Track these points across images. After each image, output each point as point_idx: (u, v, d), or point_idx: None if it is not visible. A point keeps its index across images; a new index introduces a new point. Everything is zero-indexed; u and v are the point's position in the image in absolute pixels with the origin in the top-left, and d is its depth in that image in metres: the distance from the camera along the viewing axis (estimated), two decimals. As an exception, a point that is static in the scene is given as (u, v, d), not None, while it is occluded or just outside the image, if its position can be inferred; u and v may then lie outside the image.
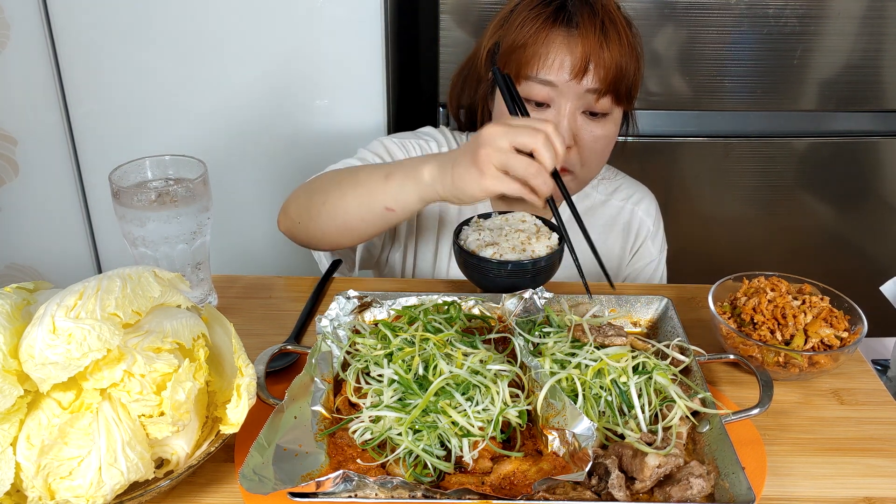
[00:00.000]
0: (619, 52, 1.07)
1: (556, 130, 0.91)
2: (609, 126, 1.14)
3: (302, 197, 1.10)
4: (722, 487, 0.71)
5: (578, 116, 1.11)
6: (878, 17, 1.68)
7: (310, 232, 1.09)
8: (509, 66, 1.10)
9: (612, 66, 1.07)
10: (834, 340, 0.91)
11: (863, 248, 1.96)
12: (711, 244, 1.94)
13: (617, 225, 1.33)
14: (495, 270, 0.99)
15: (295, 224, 1.11)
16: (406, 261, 1.32)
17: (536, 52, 1.07)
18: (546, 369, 0.81)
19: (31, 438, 0.66)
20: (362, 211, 1.00)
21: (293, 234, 1.13)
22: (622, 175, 1.38)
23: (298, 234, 1.12)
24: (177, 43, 1.62)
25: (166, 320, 0.75)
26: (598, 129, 1.12)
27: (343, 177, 1.04)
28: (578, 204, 1.29)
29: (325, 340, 0.88)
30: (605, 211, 1.33)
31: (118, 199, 0.98)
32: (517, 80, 1.10)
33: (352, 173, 1.04)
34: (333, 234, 1.06)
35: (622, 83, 1.09)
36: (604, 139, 1.14)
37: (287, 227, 1.13)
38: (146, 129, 1.71)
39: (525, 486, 0.70)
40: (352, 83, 1.65)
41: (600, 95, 1.09)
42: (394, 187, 0.97)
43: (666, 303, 0.99)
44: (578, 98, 1.09)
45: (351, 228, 1.03)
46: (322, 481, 0.67)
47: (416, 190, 0.96)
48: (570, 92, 1.08)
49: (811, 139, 1.81)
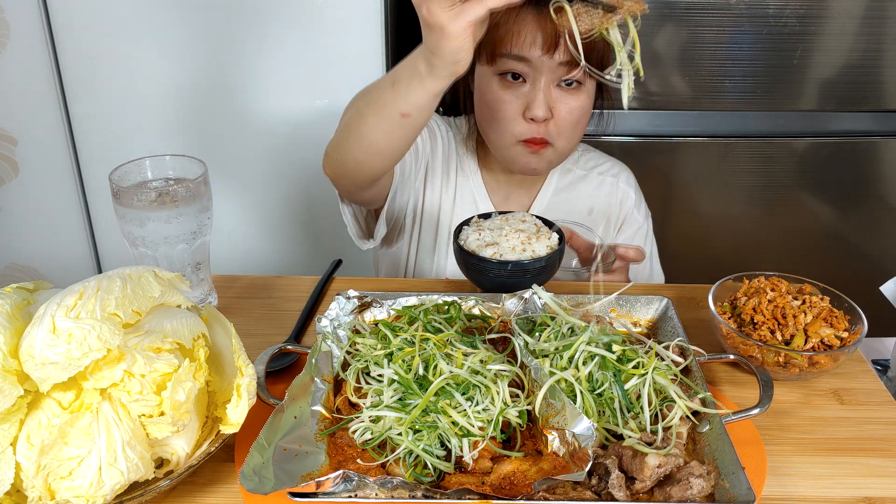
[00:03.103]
0: None
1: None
2: (583, 97, 1.20)
3: (336, 136, 1.13)
4: (722, 487, 0.71)
5: (553, 89, 1.17)
6: (878, 17, 1.68)
7: (346, 167, 1.12)
8: (485, 45, 1.16)
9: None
10: (834, 340, 0.91)
11: (863, 248, 1.96)
12: (711, 244, 1.94)
13: (601, 195, 1.39)
14: (495, 270, 0.99)
15: (334, 162, 1.13)
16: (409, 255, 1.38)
17: (509, 30, 1.13)
18: (546, 369, 0.81)
19: (31, 438, 0.66)
20: (383, 124, 1.02)
21: (336, 174, 1.15)
22: (600, 153, 1.45)
23: (340, 174, 1.14)
24: (177, 43, 1.62)
25: (166, 320, 0.75)
26: (573, 101, 1.19)
27: (359, 101, 1.08)
28: (561, 179, 1.37)
29: (325, 340, 0.88)
30: (587, 184, 1.40)
31: (118, 199, 0.98)
32: (493, 59, 1.17)
33: (364, 94, 1.07)
34: (365, 159, 1.08)
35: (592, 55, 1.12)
36: (579, 110, 1.20)
37: (331, 169, 1.16)
38: (146, 129, 1.71)
39: (525, 486, 0.70)
40: (352, 83, 1.65)
41: (572, 67, 1.15)
42: (402, 91, 0.98)
43: (666, 303, 0.99)
44: (552, 71, 1.15)
45: (378, 146, 1.05)
46: (322, 481, 0.67)
47: (422, 85, 0.97)
48: (543, 66, 1.15)
49: (811, 139, 1.81)
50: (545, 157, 1.23)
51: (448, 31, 0.88)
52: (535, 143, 1.20)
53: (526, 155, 1.22)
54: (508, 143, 1.22)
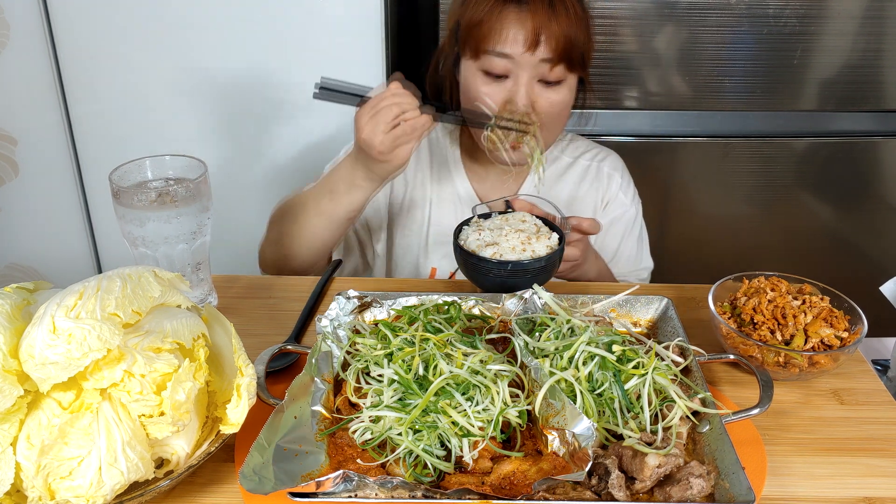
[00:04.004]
0: (568, 24, 1.16)
1: (393, 90, 1.09)
2: (564, 92, 1.23)
3: (272, 244, 1.29)
4: (722, 487, 0.71)
5: (535, 85, 1.21)
6: (878, 17, 1.68)
7: (292, 263, 1.26)
8: (469, 41, 1.20)
9: (561, 38, 1.16)
10: (834, 340, 0.91)
11: (863, 248, 1.96)
12: (711, 244, 1.94)
13: (587, 179, 1.42)
14: (495, 270, 0.99)
15: (274, 264, 1.29)
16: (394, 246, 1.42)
17: (492, 28, 1.17)
18: (546, 369, 0.81)
19: (31, 438, 0.66)
20: (329, 226, 1.20)
21: (279, 270, 1.28)
22: (589, 141, 1.48)
23: (284, 268, 1.28)
24: (177, 43, 1.62)
25: (166, 320, 0.75)
26: (554, 96, 1.22)
27: (297, 213, 1.22)
28: (549, 167, 1.41)
29: (325, 340, 0.88)
30: (574, 170, 1.42)
31: (118, 199, 0.98)
32: (477, 55, 1.19)
33: (297, 205, 1.23)
34: (312, 253, 1.24)
35: (573, 52, 1.18)
36: (560, 104, 1.23)
37: (271, 269, 1.30)
38: (146, 129, 1.71)
39: (525, 486, 0.70)
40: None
41: (554, 64, 1.18)
42: (343, 200, 1.17)
43: (666, 303, 0.99)
44: (533, 68, 1.18)
45: (324, 242, 1.22)
46: (322, 481, 0.67)
47: (363, 193, 1.16)
48: (525, 63, 1.18)
49: (811, 139, 1.81)
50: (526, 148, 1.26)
51: (397, 158, 1.09)
52: None
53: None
54: None
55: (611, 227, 1.41)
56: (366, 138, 1.07)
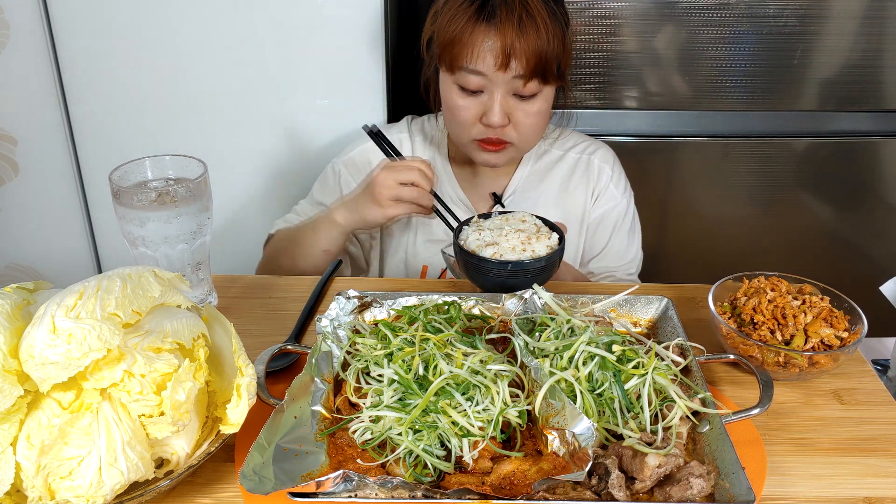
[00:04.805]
0: (538, 41, 1.16)
1: (424, 163, 1.21)
2: (539, 103, 1.24)
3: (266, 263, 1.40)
4: (722, 487, 0.71)
5: (510, 98, 1.22)
6: (878, 17, 1.67)
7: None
8: (443, 57, 1.22)
9: (532, 55, 1.17)
10: (834, 340, 0.91)
11: (863, 248, 1.96)
12: (711, 244, 1.93)
13: (576, 173, 1.42)
14: (495, 270, 0.99)
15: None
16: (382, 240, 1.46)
17: (464, 46, 1.18)
18: (546, 369, 0.81)
19: (31, 438, 0.66)
20: (311, 258, 1.29)
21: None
22: (579, 133, 1.48)
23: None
24: (177, 43, 1.61)
25: (166, 320, 0.75)
26: (530, 107, 1.23)
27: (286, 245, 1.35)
28: (537, 162, 1.42)
29: (325, 340, 0.88)
30: (563, 164, 1.43)
31: (118, 199, 0.98)
32: (452, 71, 1.22)
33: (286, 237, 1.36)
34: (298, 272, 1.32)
35: (546, 67, 1.19)
36: (536, 115, 1.25)
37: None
38: (146, 129, 1.71)
39: (525, 486, 0.70)
40: (352, 83, 1.64)
41: (527, 80, 1.19)
42: (322, 236, 1.27)
43: (666, 303, 0.99)
44: (507, 84, 1.20)
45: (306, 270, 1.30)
46: (322, 481, 0.67)
47: (338, 232, 1.27)
48: (498, 80, 1.19)
49: (811, 139, 1.81)
50: (505, 154, 1.28)
51: (386, 212, 1.20)
52: (493, 144, 1.26)
53: (485, 152, 1.27)
54: (466, 142, 1.28)
55: (602, 221, 1.41)
56: (379, 178, 1.19)
